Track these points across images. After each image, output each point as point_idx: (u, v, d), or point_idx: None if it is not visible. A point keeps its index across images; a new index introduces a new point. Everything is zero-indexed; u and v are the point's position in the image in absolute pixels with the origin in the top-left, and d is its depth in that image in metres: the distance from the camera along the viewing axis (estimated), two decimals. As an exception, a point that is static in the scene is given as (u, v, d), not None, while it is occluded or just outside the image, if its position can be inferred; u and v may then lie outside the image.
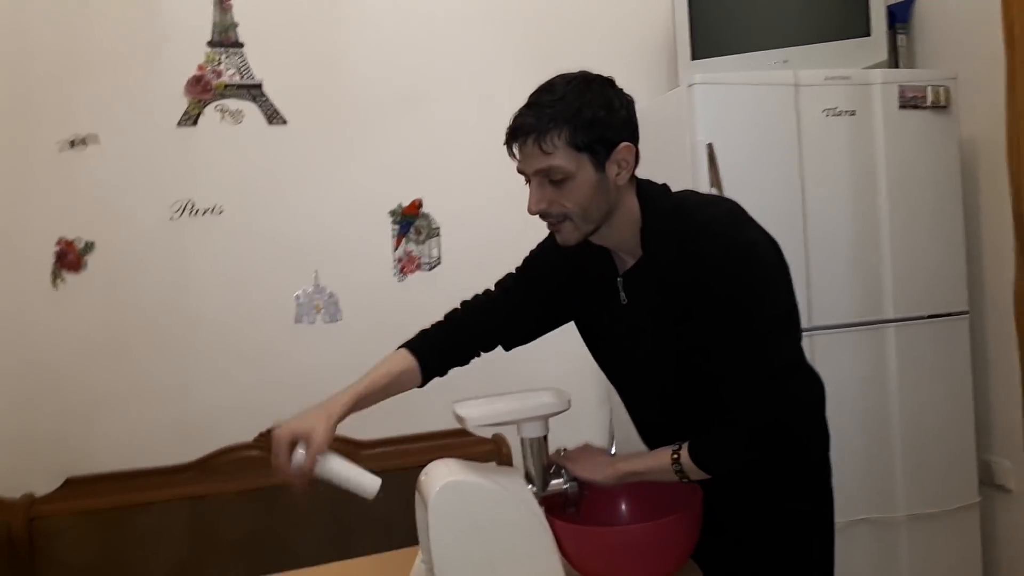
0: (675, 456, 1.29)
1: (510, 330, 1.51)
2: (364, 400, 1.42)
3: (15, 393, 2.32)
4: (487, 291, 1.53)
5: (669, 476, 1.30)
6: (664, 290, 1.27)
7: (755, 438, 1.24)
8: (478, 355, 1.51)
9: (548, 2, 2.71)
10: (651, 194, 1.30)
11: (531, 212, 1.28)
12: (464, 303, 1.53)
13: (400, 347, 1.49)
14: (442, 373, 1.50)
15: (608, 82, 1.26)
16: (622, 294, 1.35)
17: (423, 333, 1.50)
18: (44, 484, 2.31)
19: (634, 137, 1.26)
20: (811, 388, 1.30)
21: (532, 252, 1.52)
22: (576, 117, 1.20)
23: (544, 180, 1.24)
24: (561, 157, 1.21)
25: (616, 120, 1.23)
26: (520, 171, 1.28)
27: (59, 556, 2.21)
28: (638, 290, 1.32)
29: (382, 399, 1.44)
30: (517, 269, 1.52)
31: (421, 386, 1.48)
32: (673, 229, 1.26)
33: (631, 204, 1.29)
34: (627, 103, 1.26)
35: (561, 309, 1.48)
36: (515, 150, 1.26)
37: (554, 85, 1.25)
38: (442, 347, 1.48)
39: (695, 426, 1.29)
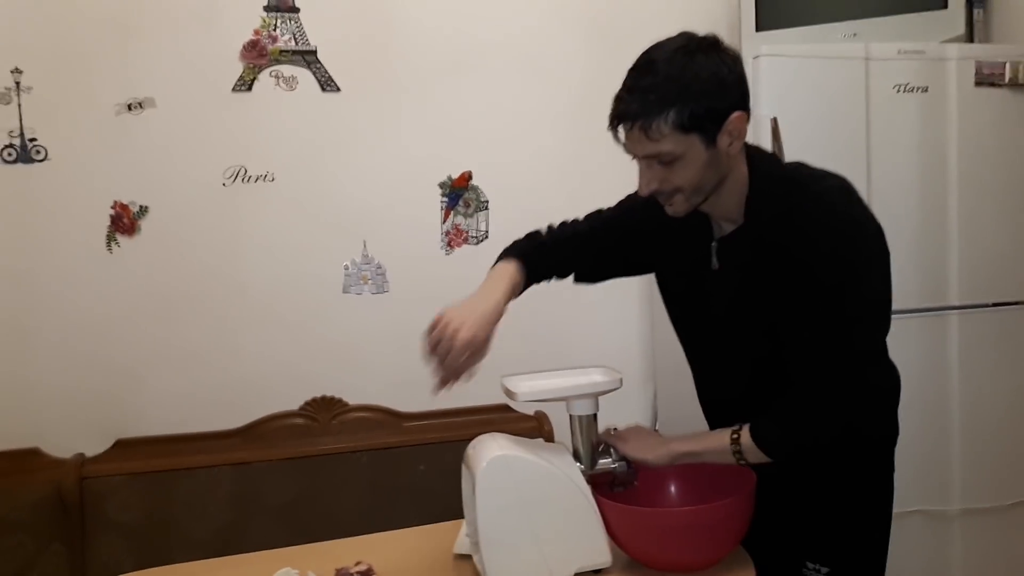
0: (735, 436, 1.25)
1: (589, 270, 1.50)
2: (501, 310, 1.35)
3: (69, 355, 2.36)
4: (575, 221, 1.49)
5: (726, 458, 1.27)
6: (762, 258, 1.23)
7: (823, 423, 1.21)
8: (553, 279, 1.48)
9: (607, -31, 2.64)
10: (761, 162, 1.26)
11: (642, 194, 1.25)
12: (552, 228, 1.48)
13: (512, 258, 1.42)
14: (526, 288, 1.45)
15: (712, 46, 1.17)
16: (714, 259, 1.31)
17: (523, 248, 1.44)
18: (95, 445, 2.35)
19: (745, 102, 1.19)
20: (888, 381, 1.29)
21: (627, 200, 1.48)
22: (682, 98, 1.13)
23: (653, 162, 1.20)
24: (669, 142, 1.16)
25: (725, 91, 1.16)
26: (627, 152, 1.23)
27: (108, 515, 2.25)
28: (732, 256, 1.29)
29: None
30: (610, 211, 1.48)
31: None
32: (782, 198, 1.22)
33: (741, 171, 1.24)
34: (735, 67, 1.18)
35: (646, 264, 1.46)
36: (619, 134, 1.20)
37: (655, 63, 1.16)
38: (536, 267, 1.43)
39: (765, 404, 1.25)
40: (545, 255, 1.44)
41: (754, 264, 1.25)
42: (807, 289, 1.18)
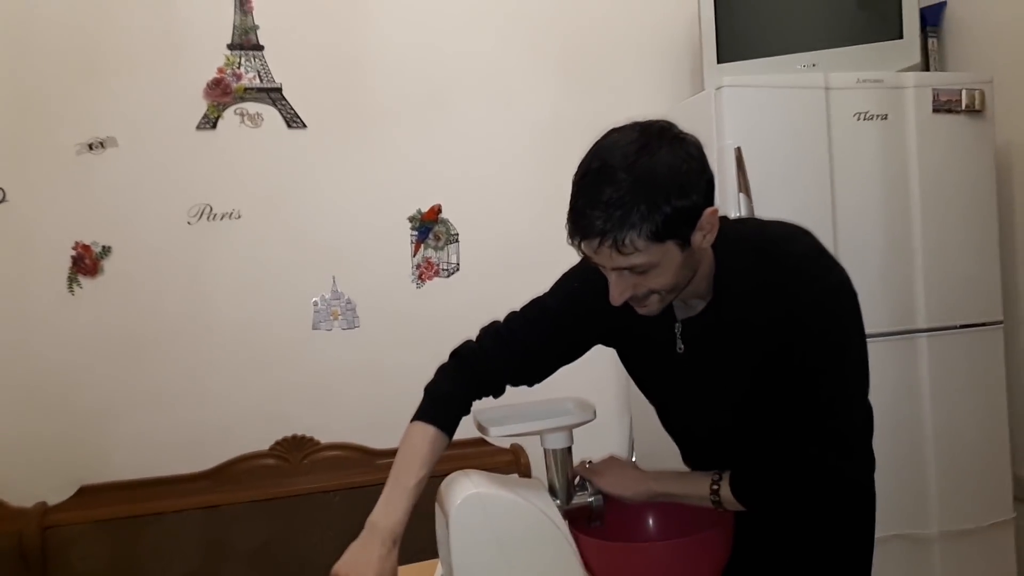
0: (715, 487, 1.23)
1: (534, 372, 1.35)
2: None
3: (30, 399, 2.30)
4: (496, 331, 1.35)
5: (703, 503, 1.25)
6: (732, 338, 1.17)
7: (807, 483, 1.18)
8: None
9: (570, 6, 2.67)
10: (728, 237, 1.16)
11: (615, 303, 1.13)
12: (475, 347, 1.36)
13: (428, 416, 1.33)
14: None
15: (671, 136, 1.08)
16: (679, 343, 1.24)
17: (455, 382, 1.34)
18: (58, 492, 2.29)
19: (712, 192, 1.10)
20: (867, 465, 1.29)
21: (566, 282, 1.35)
22: (652, 208, 1.03)
23: (624, 272, 1.10)
24: (643, 255, 1.06)
25: (694, 190, 1.06)
26: (593, 264, 1.13)
27: (72, 565, 2.18)
28: (699, 337, 1.22)
29: None
30: (549, 299, 1.35)
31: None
32: (752, 272, 1.15)
33: (709, 254, 1.17)
34: (698, 155, 1.09)
35: (604, 339, 1.37)
36: (583, 248, 1.10)
37: (613, 171, 1.05)
38: (459, 407, 1.33)
39: (744, 453, 1.23)
40: (485, 377, 1.33)
41: (723, 345, 1.19)
42: (789, 368, 1.14)
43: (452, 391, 1.33)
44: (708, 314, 1.21)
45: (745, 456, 1.23)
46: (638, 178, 1.03)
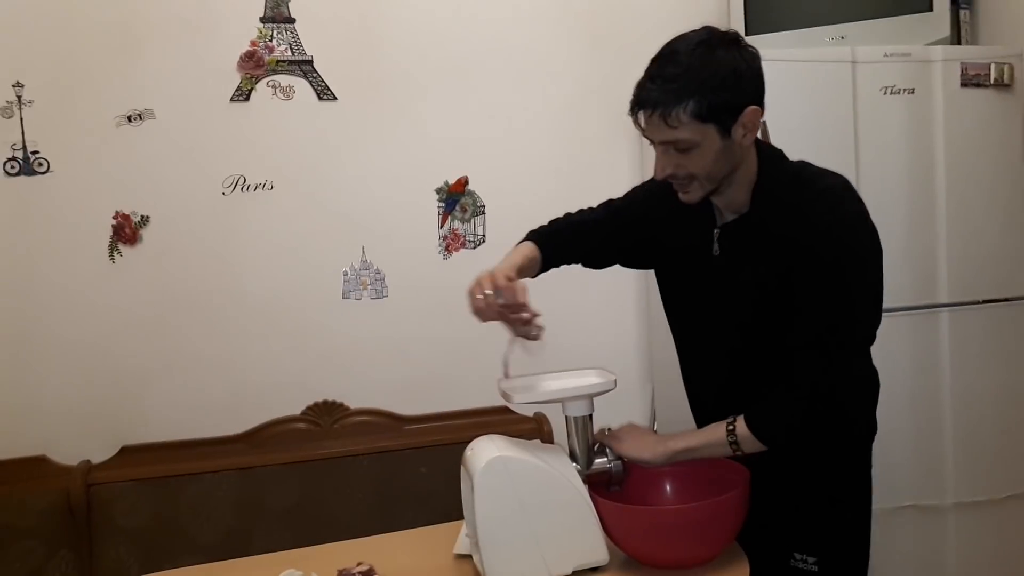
0: (730, 427, 1.29)
1: (595, 255, 1.56)
2: (520, 272, 1.43)
3: (74, 364, 2.39)
4: (591, 208, 1.57)
5: (723, 450, 1.31)
6: (764, 246, 1.29)
7: (816, 406, 1.26)
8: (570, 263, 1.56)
9: (596, -26, 2.67)
10: (770, 157, 1.33)
11: (657, 178, 1.30)
12: (570, 215, 1.57)
13: (529, 240, 1.51)
14: (545, 270, 1.53)
15: (733, 41, 1.24)
16: (716, 245, 1.36)
17: (540, 233, 1.53)
18: (101, 452, 2.38)
19: (760, 97, 1.25)
20: (872, 373, 1.35)
21: (635, 190, 1.57)
22: (701, 90, 1.19)
23: (670, 148, 1.25)
24: (687, 130, 1.21)
25: (742, 85, 1.22)
26: (644, 137, 1.29)
27: (115, 521, 2.28)
28: (734, 243, 1.35)
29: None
30: (619, 199, 1.56)
31: (533, 276, 1.50)
32: (787, 191, 1.28)
33: (751, 163, 1.31)
34: (752, 63, 1.24)
35: (649, 249, 1.50)
36: (639, 120, 1.25)
37: (677, 53, 1.22)
38: (549, 249, 1.51)
39: (754, 395, 1.30)
40: (558, 239, 1.52)
41: (755, 251, 1.30)
42: (808, 276, 1.24)
43: (544, 233, 1.52)
44: (743, 222, 1.33)
45: (754, 396, 1.30)
46: (695, 63, 1.19)
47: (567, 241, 1.52)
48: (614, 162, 2.69)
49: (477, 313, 1.33)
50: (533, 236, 1.52)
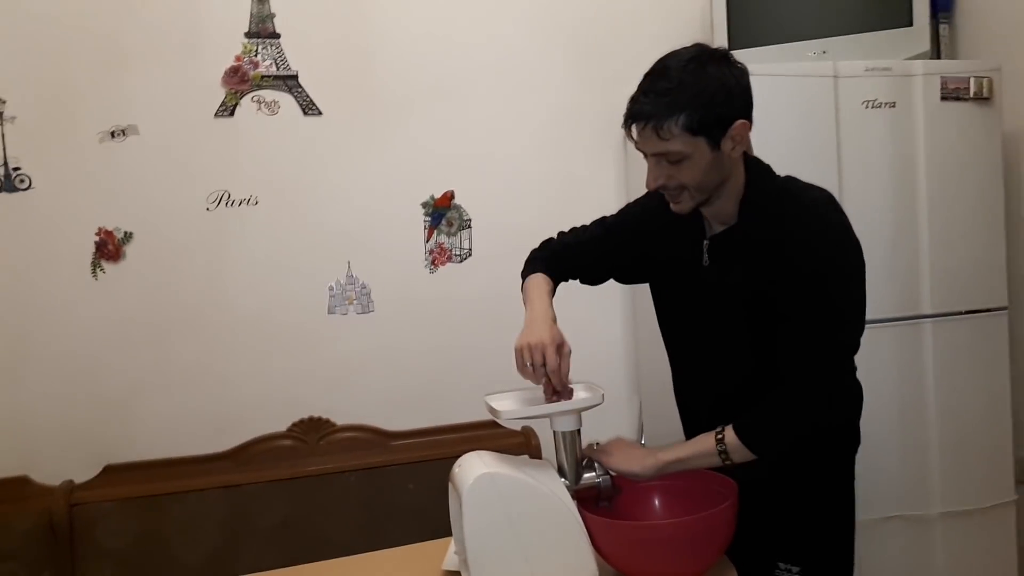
0: (719, 437, 1.31)
1: (592, 271, 1.59)
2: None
3: (56, 382, 2.36)
4: (584, 226, 1.61)
5: (712, 460, 1.32)
6: (751, 256, 1.33)
7: (804, 413, 1.29)
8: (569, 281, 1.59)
9: (581, -7, 2.69)
10: (758, 170, 1.38)
11: (649, 188, 1.35)
12: (563, 234, 1.61)
13: (537, 271, 1.52)
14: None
15: (723, 58, 1.29)
16: (705, 256, 1.40)
17: (543, 259, 1.55)
18: (84, 471, 2.35)
19: (749, 111, 1.31)
20: (856, 383, 1.36)
21: (628, 206, 1.60)
22: (692, 104, 1.24)
23: (662, 159, 1.30)
24: (678, 143, 1.26)
25: (731, 100, 1.27)
26: (637, 149, 1.33)
27: (98, 542, 2.25)
28: (723, 254, 1.39)
29: None
30: (612, 217, 1.60)
31: None
32: (774, 203, 1.33)
33: (739, 176, 1.35)
34: (741, 79, 1.29)
35: (642, 265, 1.54)
36: (632, 132, 1.30)
37: (669, 69, 1.26)
38: (557, 273, 1.54)
39: (747, 404, 1.32)
40: (561, 262, 1.55)
41: (743, 261, 1.34)
42: (793, 286, 1.27)
43: (548, 259, 1.55)
44: (732, 233, 1.37)
45: (744, 405, 1.32)
46: (687, 78, 1.24)
47: (568, 262, 1.56)
48: (600, 176, 2.70)
49: (521, 372, 1.35)
50: (539, 264, 1.54)
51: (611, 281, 1.65)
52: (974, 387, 2.23)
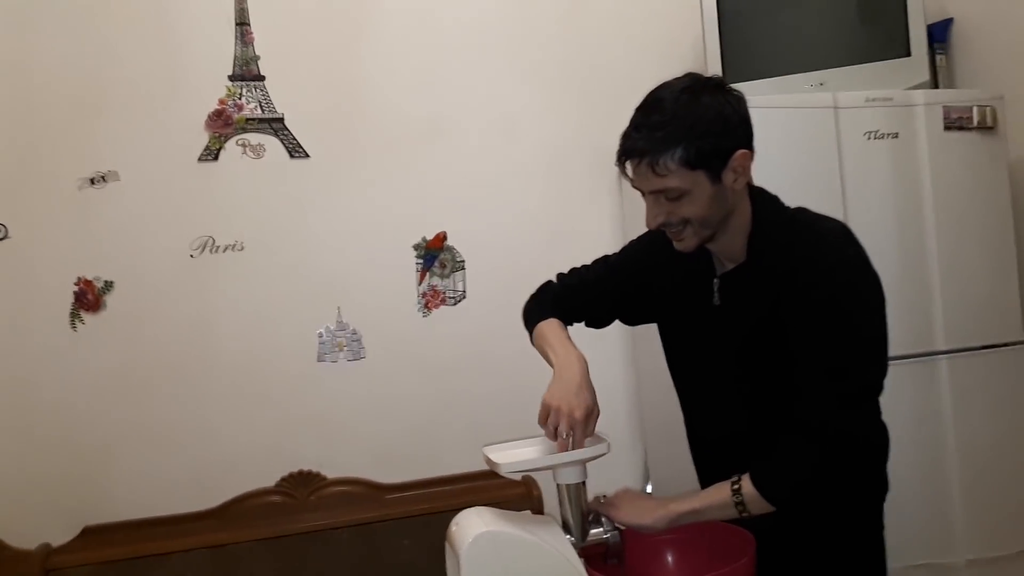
0: (735, 487, 1.22)
1: (597, 314, 1.51)
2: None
3: (33, 439, 2.28)
4: (584, 267, 1.53)
5: (728, 512, 1.23)
6: (763, 294, 1.26)
7: (824, 457, 1.19)
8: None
9: (571, 27, 2.66)
10: (765, 202, 1.31)
11: (650, 227, 1.29)
12: (563, 276, 1.53)
13: (547, 317, 1.44)
14: None
15: (717, 87, 1.23)
16: (716, 296, 1.34)
17: (549, 304, 1.47)
18: (61, 533, 2.26)
19: (749, 141, 1.24)
20: (879, 422, 1.27)
21: (631, 244, 1.53)
22: (688, 136, 1.18)
23: (660, 196, 1.24)
24: (676, 178, 1.20)
25: (729, 129, 1.21)
26: (633, 187, 1.27)
27: (75, 609, 2.14)
28: (734, 293, 1.32)
29: None
30: (615, 256, 1.52)
31: None
32: (785, 237, 1.26)
33: (745, 209, 1.28)
34: (739, 107, 1.23)
35: (649, 305, 1.47)
36: (627, 170, 1.24)
37: (662, 101, 1.21)
38: (565, 317, 1.46)
39: (760, 445, 1.24)
40: (568, 306, 1.48)
41: (755, 300, 1.27)
42: (812, 322, 1.20)
43: (553, 302, 1.47)
44: (743, 270, 1.30)
45: (760, 446, 1.24)
46: (680, 110, 1.18)
47: (572, 302, 1.48)
48: (595, 215, 2.65)
49: (541, 425, 1.26)
50: (546, 308, 1.46)
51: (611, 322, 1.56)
52: (995, 425, 2.15)
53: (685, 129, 1.17)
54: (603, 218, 2.65)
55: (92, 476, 2.31)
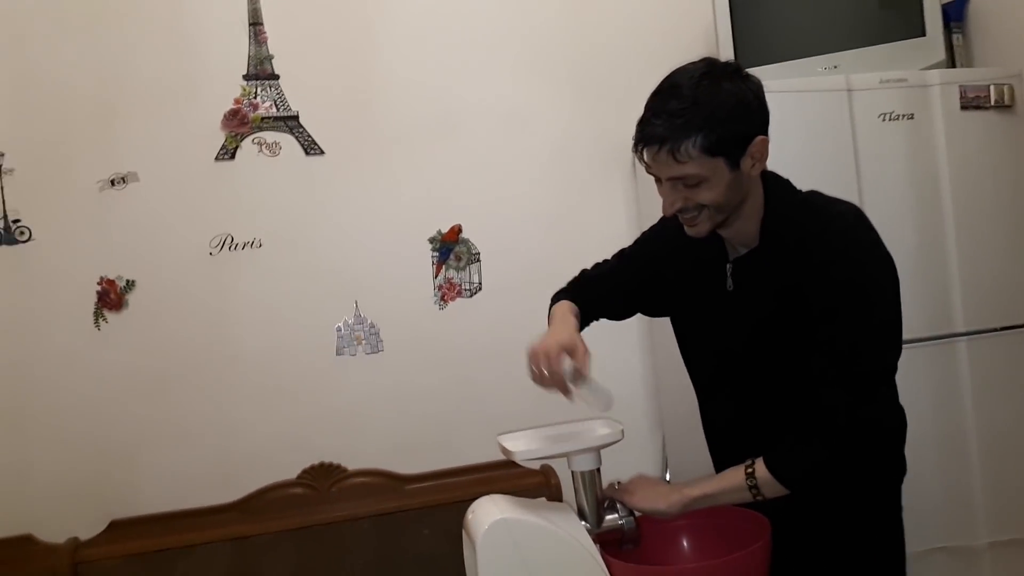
0: (749, 470, 1.22)
1: (617, 306, 1.52)
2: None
3: (60, 436, 2.31)
4: (605, 261, 1.54)
5: (743, 496, 1.23)
6: (775, 279, 1.25)
7: (838, 443, 1.19)
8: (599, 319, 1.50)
9: (583, 21, 2.65)
10: (777, 187, 1.30)
11: (666, 214, 1.28)
12: (587, 271, 1.54)
13: (562, 300, 1.45)
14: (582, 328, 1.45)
15: (736, 72, 1.22)
16: (729, 281, 1.33)
17: (569, 291, 1.49)
18: (89, 527, 2.29)
19: (766, 127, 1.23)
20: (896, 404, 1.27)
21: (644, 234, 1.53)
22: (710, 123, 1.16)
23: (678, 183, 1.23)
24: (696, 165, 1.19)
25: (749, 116, 1.20)
26: (650, 173, 1.26)
27: (104, 601, 2.17)
28: (747, 278, 1.31)
29: None
30: (630, 248, 1.52)
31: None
32: (797, 221, 1.25)
33: (758, 195, 1.28)
34: (758, 92, 1.22)
35: (664, 294, 1.46)
36: (645, 156, 1.22)
37: (680, 87, 1.19)
38: (583, 306, 1.45)
39: (773, 429, 1.25)
40: (582, 293, 1.48)
41: (768, 285, 1.27)
42: (826, 305, 1.20)
43: (571, 291, 1.48)
44: (756, 255, 1.29)
45: (773, 431, 1.25)
46: (700, 96, 1.17)
47: (591, 293, 1.48)
48: (609, 205, 2.65)
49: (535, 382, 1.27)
50: (562, 295, 1.47)
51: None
52: (1015, 406, 2.12)
53: (706, 116, 1.16)
54: (617, 208, 2.65)
55: (118, 471, 2.34)
